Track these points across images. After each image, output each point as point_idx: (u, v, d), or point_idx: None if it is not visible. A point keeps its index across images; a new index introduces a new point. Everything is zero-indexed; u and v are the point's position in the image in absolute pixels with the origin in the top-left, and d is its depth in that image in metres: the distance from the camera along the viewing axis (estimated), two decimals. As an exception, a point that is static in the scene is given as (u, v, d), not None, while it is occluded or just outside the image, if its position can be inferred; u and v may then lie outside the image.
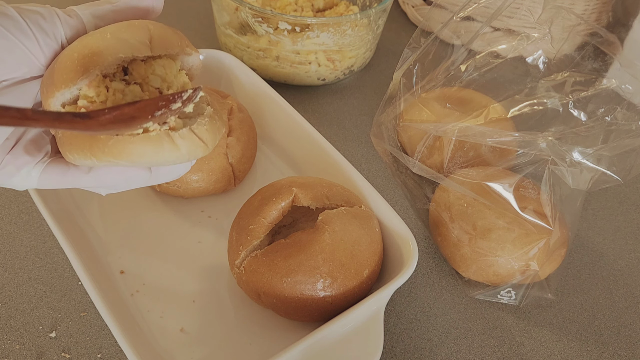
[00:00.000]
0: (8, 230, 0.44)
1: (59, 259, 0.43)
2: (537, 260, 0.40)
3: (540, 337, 0.41)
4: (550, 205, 0.40)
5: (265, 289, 0.36)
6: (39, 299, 0.40)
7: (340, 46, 0.57)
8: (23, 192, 0.47)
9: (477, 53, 0.47)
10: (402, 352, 0.40)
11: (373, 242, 0.38)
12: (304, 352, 0.33)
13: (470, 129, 0.42)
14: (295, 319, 0.38)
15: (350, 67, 0.61)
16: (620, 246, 0.49)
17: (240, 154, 0.46)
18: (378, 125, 0.50)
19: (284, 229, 0.41)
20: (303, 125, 0.47)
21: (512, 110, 0.45)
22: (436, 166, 0.47)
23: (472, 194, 0.41)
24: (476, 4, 0.46)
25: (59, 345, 0.38)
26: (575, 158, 0.39)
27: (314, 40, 0.55)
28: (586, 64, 0.46)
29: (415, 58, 0.47)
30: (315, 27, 0.54)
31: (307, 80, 0.60)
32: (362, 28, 0.57)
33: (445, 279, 0.45)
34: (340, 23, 0.54)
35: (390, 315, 0.41)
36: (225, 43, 0.61)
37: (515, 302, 0.42)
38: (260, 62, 0.59)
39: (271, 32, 0.55)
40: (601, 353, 0.41)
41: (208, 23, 0.71)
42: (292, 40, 0.55)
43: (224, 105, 0.47)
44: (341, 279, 0.35)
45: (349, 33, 0.56)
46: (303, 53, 0.56)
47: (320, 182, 0.40)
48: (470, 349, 0.40)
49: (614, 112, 0.40)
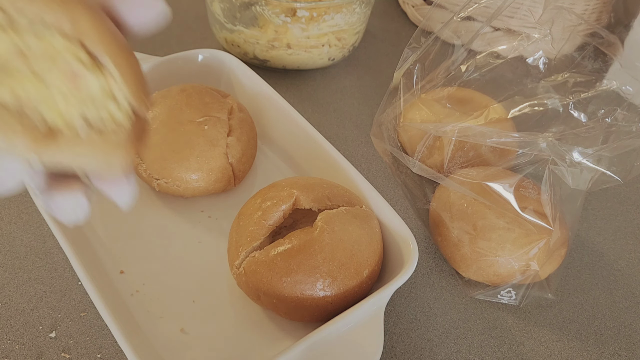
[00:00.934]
0: (8, 230, 0.44)
1: (59, 259, 0.43)
2: (537, 260, 0.40)
3: (540, 337, 0.41)
4: (550, 205, 0.40)
5: (265, 289, 0.36)
6: (38, 299, 0.40)
7: (350, 24, 0.60)
8: (23, 192, 0.47)
9: (478, 53, 0.47)
10: (402, 352, 0.40)
11: (373, 242, 0.38)
12: (304, 352, 0.33)
13: (470, 129, 0.42)
14: (295, 319, 0.38)
15: (354, 43, 0.64)
16: (621, 246, 0.49)
17: (240, 153, 0.46)
18: (378, 125, 0.50)
19: (284, 229, 0.41)
20: (303, 125, 0.47)
21: (512, 110, 0.45)
22: (436, 166, 0.47)
23: (472, 194, 0.41)
24: (476, 4, 0.46)
25: (59, 345, 0.38)
26: (576, 158, 0.39)
27: (329, 22, 0.57)
28: (586, 64, 0.46)
29: (415, 58, 0.47)
30: (331, 9, 0.56)
31: (319, 62, 0.62)
32: (364, 3, 0.60)
33: (445, 279, 0.45)
34: (351, 2, 0.57)
35: (390, 315, 0.42)
36: (232, 40, 0.61)
37: (515, 302, 0.43)
38: (274, 52, 0.60)
39: (289, 21, 0.56)
40: (601, 353, 0.41)
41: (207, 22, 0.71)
42: (307, 25, 0.57)
43: (224, 105, 0.47)
44: (341, 278, 0.35)
45: (357, 10, 0.59)
46: (314, 37, 0.58)
47: (321, 182, 0.40)
48: (470, 349, 0.40)
49: (614, 113, 0.40)
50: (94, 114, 0.24)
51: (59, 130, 0.24)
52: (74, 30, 0.23)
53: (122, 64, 0.24)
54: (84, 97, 0.24)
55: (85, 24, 0.23)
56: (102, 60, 0.24)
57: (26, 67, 0.23)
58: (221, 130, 0.45)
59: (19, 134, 0.23)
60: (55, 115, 0.23)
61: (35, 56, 0.23)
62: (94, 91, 0.24)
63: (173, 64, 0.53)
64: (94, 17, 0.24)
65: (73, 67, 0.23)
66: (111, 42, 0.24)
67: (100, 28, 0.24)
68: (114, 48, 0.24)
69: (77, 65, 0.23)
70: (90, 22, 0.23)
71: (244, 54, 0.62)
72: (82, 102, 0.24)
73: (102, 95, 0.24)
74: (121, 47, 0.24)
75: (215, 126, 0.45)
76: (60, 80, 0.23)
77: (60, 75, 0.23)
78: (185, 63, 0.53)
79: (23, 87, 0.23)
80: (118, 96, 0.25)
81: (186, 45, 0.68)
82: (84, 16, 0.23)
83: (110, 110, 0.25)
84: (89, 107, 0.24)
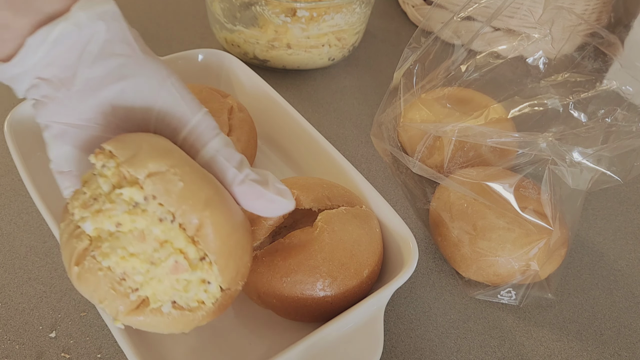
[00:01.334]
0: (8, 230, 0.44)
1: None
2: (537, 260, 0.40)
3: (540, 337, 0.41)
4: (550, 205, 0.40)
5: (265, 289, 0.36)
6: (38, 299, 0.40)
7: (350, 24, 0.60)
8: (23, 192, 0.47)
9: (478, 53, 0.47)
10: (402, 352, 0.40)
11: (373, 242, 0.38)
12: (304, 352, 0.33)
13: (470, 129, 0.42)
14: (295, 319, 0.38)
15: (354, 43, 0.64)
16: (621, 246, 0.49)
17: (240, 153, 0.46)
18: (378, 125, 0.50)
19: (284, 229, 0.41)
20: (303, 125, 0.47)
21: (512, 110, 0.45)
22: (436, 166, 0.47)
23: (472, 194, 0.41)
24: (477, 4, 0.46)
25: (59, 345, 0.38)
26: (576, 158, 0.39)
27: (329, 22, 0.57)
28: (586, 64, 0.46)
29: (415, 58, 0.47)
30: (331, 9, 0.56)
31: (319, 62, 0.62)
32: (364, 3, 0.60)
33: (445, 279, 0.45)
34: (351, 2, 0.57)
35: (390, 315, 0.42)
36: (232, 40, 0.61)
37: (515, 302, 0.43)
38: (274, 52, 0.60)
39: (289, 21, 0.56)
40: (601, 353, 0.41)
41: (207, 22, 0.71)
42: (307, 25, 0.57)
43: (224, 105, 0.47)
44: (341, 278, 0.35)
45: (357, 10, 0.59)
46: (314, 37, 0.58)
47: (321, 182, 0.40)
48: (470, 349, 0.40)
49: (614, 113, 0.40)
50: (183, 299, 0.27)
51: (146, 301, 0.27)
52: (196, 234, 0.26)
53: (225, 257, 0.27)
54: (179, 287, 0.27)
55: (208, 230, 0.26)
56: (209, 257, 0.27)
57: (141, 245, 0.26)
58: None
59: (117, 299, 0.26)
60: (149, 292, 0.26)
61: (151, 238, 0.26)
62: (191, 281, 0.27)
63: (173, 64, 0.53)
64: (218, 214, 0.27)
65: (179, 259, 0.26)
66: (224, 244, 0.27)
67: (218, 227, 0.26)
68: (224, 249, 0.27)
69: (183, 260, 0.26)
70: (212, 227, 0.26)
71: (244, 54, 0.62)
72: (176, 290, 0.27)
73: (197, 284, 0.27)
74: (231, 245, 0.27)
75: (215, 126, 0.45)
76: (164, 266, 0.26)
77: (166, 262, 0.26)
78: (185, 63, 0.53)
79: (132, 260, 0.26)
80: (212, 283, 0.27)
81: (186, 45, 0.68)
82: (209, 218, 0.26)
83: (198, 296, 0.27)
84: (181, 294, 0.27)
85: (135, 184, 0.26)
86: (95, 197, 0.27)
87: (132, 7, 0.74)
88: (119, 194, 0.26)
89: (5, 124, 0.44)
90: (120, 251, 0.25)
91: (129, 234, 0.26)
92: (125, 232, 0.26)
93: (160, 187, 0.25)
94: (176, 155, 0.27)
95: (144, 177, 0.26)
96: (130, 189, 0.26)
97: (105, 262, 0.26)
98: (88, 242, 0.26)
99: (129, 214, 0.26)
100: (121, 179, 0.26)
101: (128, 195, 0.26)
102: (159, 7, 0.75)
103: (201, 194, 0.26)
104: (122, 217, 0.26)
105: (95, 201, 0.26)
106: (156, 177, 0.26)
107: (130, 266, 0.26)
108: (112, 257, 0.25)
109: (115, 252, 0.25)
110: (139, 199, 0.26)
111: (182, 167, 0.27)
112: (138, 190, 0.26)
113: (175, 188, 0.26)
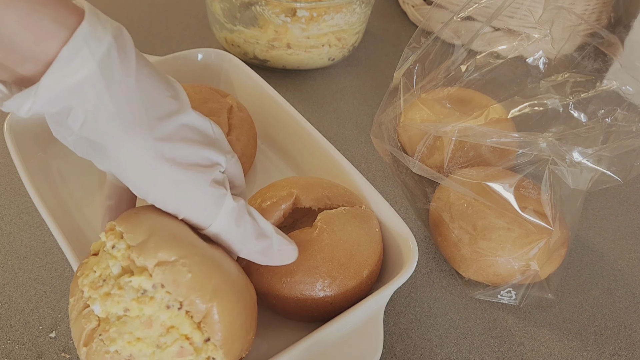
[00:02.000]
0: (8, 230, 0.44)
1: (59, 259, 0.43)
2: (537, 260, 0.40)
3: (540, 337, 0.41)
4: (550, 205, 0.40)
5: (264, 289, 0.36)
6: (39, 299, 0.40)
7: (350, 24, 0.60)
8: (23, 192, 0.47)
9: (478, 53, 0.47)
10: (402, 352, 0.40)
11: (373, 242, 0.38)
12: (304, 352, 0.33)
13: (470, 129, 0.42)
14: (295, 319, 0.38)
15: (354, 43, 0.64)
16: (621, 246, 0.49)
17: (240, 153, 0.46)
18: (378, 125, 0.50)
19: (284, 229, 0.41)
20: (303, 125, 0.47)
21: (512, 110, 0.45)
22: (436, 166, 0.47)
23: (472, 194, 0.41)
24: (477, 4, 0.46)
25: (59, 345, 0.38)
26: (576, 158, 0.39)
27: (329, 22, 0.57)
28: (586, 64, 0.46)
29: (415, 58, 0.47)
30: (331, 9, 0.56)
31: (319, 62, 0.62)
32: (364, 3, 0.60)
33: (445, 279, 0.45)
34: (351, 2, 0.57)
35: (390, 315, 0.41)
36: (232, 40, 0.61)
37: (515, 302, 0.43)
38: (274, 52, 0.60)
39: (289, 21, 0.56)
40: (601, 353, 0.41)
41: (207, 22, 0.71)
42: (307, 25, 0.57)
43: (223, 105, 0.47)
44: (340, 278, 0.35)
45: (357, 10, 0.59)
46: (314, 37, 0.58)
47: (320, 182, 0.40)
48: (470, 349, 0.40)
49: (614, 113, 0.40)
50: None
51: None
52: (203, 321, 0.27)
53: (230, 342, 0.28)
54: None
55: (214, 319, 0.27)
56: (215, 342, 0.27)
57: (148, 331, 0.27)
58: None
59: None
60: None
61: (158, 324, 0.27)
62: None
63: (173, 63, 0.53)
64: (227, 304, 0.28)
65: (184, 345, 0.27)
66: (229, 330, 0.28)
67: (224, 315, 0.27)
68: (230, 335, 0.28)
69: (188, 346, 0.27)
70: (219, 316, 0.27)
71: (244, 54, 0.62)
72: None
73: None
74: (236, 329, 0.28)
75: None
76: (169, 350, 0.27)
77: (172, 347, 0.27)
78: (185, 63, 0.53)
79: (138, 345, 0.27)
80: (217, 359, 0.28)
81: (186, 45, 0.68)
82: (216, 307, 0.27)
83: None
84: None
85: (144, 272, 0.27)
86: (105, 279, 0.27)
87: (132, 7, 0.74)
88: (129, 281, 0.27)
89: (5, 124, 0.44)
90: (127, 336, 0.26)
91: (136, 319, 0.27)
92: (132, 317, 0.27)
93: (168, 277, 0.26)
94: (186, 244, 0.28)
95: (153, 266, 0.26)
96: (139, 278, 0.26)
97: (112, 347, 0.26)
98: (96, 323, 0.27)
99: (137, 301, 0.26)
100: (130, 262, 0.27)
101: (137, 283, 0.27)
102: (159, 7, 0.75)
103: (209, 284, 0.27)
104: (130, 304, 0.26)
105: (104, 282, 0.27)
106: (165, 266, 0.26)
107: (136, 349, 0.26)
108: (118, 342, 0.26)
109: (122, 337, 0.26)
110: (147, 286, 0.27)
111: (191, 257, 0.27)
112: (147, 278, 0.26)
113: (184, 279, 0.26)
